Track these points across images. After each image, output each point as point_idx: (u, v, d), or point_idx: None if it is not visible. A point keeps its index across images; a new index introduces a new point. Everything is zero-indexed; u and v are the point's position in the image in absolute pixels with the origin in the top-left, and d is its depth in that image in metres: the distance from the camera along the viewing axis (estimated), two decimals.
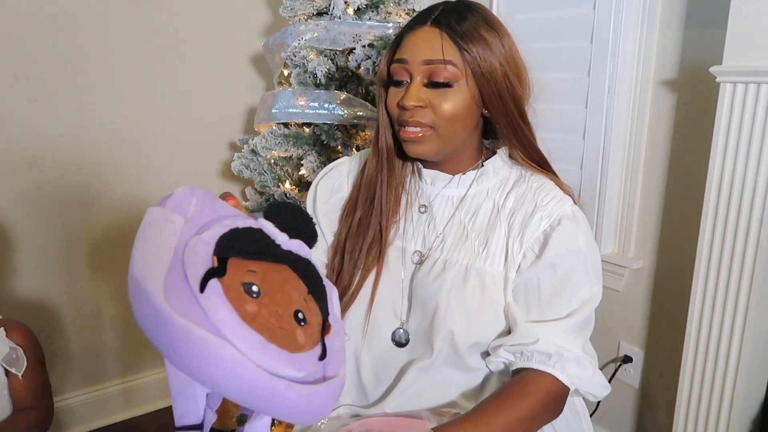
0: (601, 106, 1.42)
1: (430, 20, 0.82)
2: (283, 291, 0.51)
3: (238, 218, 0.53)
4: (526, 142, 0.88)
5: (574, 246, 0.82)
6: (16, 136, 1.65)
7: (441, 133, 0.82)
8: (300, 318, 0.51)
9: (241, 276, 0.48)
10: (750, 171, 1.09)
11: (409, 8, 1.62)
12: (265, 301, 0.48)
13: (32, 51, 1.63)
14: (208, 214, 0.53)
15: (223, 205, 0.56)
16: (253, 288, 0.48)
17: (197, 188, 0.55)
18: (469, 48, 0.80)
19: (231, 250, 0.49)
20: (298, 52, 1.62)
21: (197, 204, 0.53)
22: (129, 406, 1.96)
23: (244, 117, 2.07)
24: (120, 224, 1.85)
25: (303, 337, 0.50)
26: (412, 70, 0.81)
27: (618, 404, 1.61)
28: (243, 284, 0.48)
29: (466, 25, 0.80)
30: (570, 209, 0.84)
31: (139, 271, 0.48)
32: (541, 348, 0.79)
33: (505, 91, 0.83)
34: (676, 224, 1.43)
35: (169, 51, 1.85)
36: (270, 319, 0.48)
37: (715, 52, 1.13)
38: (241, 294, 0.47)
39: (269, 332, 0.47)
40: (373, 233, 0.90)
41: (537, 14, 1.55)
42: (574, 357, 0.80)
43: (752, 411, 1.24)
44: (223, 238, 0.49)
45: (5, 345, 1.12)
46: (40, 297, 1.75)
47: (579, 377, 0.80)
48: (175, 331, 0.44)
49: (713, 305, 1.18)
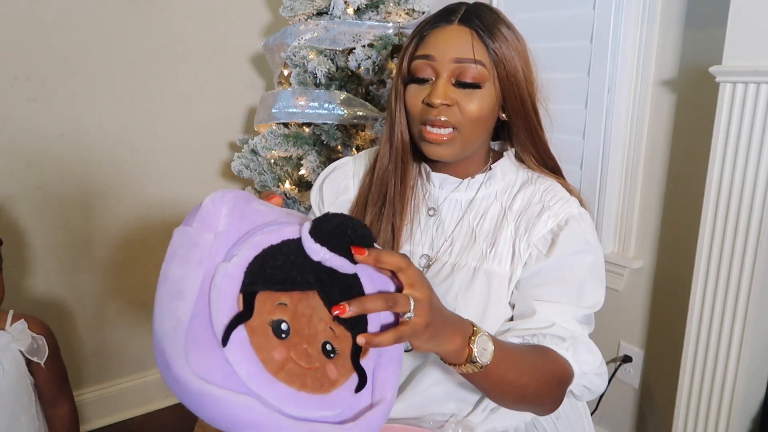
0: (601, 106, 1.42)
1: (457, 19, 0.80)
2: (311, 324, 0.48)
3: (273, 230, 0.50)
4: (541, 148, 0.88)
5: (582, 246, 0.81)
6: (16, 136, 1.65)
7: (465, 134, 0.80)
8: (329, 350, 0.49)
9: (270, 312, 0.47)
10: (750, 171, 1.09)
11: (409, 8, 1.62)
12: (294, 341, 0.47)
13: (32, 51, 1.63)
14: (240, 225, 0.50)
15: (258, 209, 0.53)
16: (282, 327, 0.46)
17: (228, 193, 0.52)
18: (498, 49, 0.79)
19: (260, 280, 0.47)
20: (297, 52, 1.62)
21: (228, 215, 0.51)
22: (130, 407, 1.96)
23: (244, 117, 2.07)
24: (120, 224, 1.85)
25: (335, 372, 0.49)
26: (439, 68, 0.79)
27: (618, 404, 1.61)
28: (272, 323, 0.46)
29: (493, 27, 0.80)
30: (577, 210, 0.83)
31: (160, 327, 0.46)
32: (555, 332, 0.77)
33: (526, 96, 0.83)
34: (676, 224, 1.43)
35: (169, 51, 1.85)
36: (299, 362, 0.46)
37: (715, 52, 1.13)
38: (269, 338, 0.46)
39: (299, 380, 0.46)
40: (384, 235, 0.88)
41: (537, 14, 1.55)
42: (585, 342, 0.79)
43: (752, 411, 1.24)
44: (253, 265, 0.47)
45: (27, 336, 1.16)
46: (39, 296, 1.75)
47: (588, 363, 0.78)
48: (199, 395, 0.43)
49: (713, 305, 1.18)
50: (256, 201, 0.54)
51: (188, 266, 0.47)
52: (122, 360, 1.93)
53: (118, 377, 1.94)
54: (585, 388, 0.81)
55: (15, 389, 1.14)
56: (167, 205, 1.93)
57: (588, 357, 0.79)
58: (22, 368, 1.16)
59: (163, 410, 2.00)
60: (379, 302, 0.54)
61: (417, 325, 0.56)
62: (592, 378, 0.80)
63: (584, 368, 0.79)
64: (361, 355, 0.52)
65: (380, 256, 0.56)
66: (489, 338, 0.66)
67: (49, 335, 1.22)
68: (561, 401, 0.79)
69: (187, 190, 1.96)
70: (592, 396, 0.83)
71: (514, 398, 0.73)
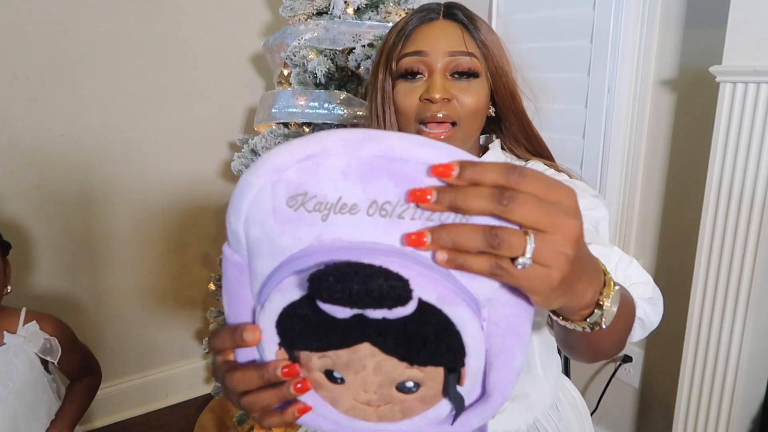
0: (601, 105, 1.42)
1: (441, 15, 0.80)
2: (366, 373, 0.40)
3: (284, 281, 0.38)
4: (534, 140, 0.87)
5: (583, 204, 0.74)
6: (16, 136, 1.65)
7: (464, 129, 0.79)
8: (409, 387, 0.40)
9: (317, 362, 0.40)
10: (750, 170, 1.09)
11: (409, 8, 1.62)
12: (354, 384, 0.41)
13: (32, 51, 1.63)
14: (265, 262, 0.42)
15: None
16: (335, 374, 0.40)
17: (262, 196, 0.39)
18: (485, 41, 0.79)
19: (292, 343, 0.40)
20: (297, 52, 1.62)
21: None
22: (130, 407, 1.96)
23: (244, 117, 2.07)
24: (120, 224, 1.85)
25: (418, 404, 0.41)
26: (432, 63, 0.77)
27: (618, 404, 1.61)
28: (325, 372, 0.41)
29: (475, 21, 0.80)
30: (565, 178, 0.82)
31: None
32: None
33: (515, 88, 0.82)
34: (676, 224, 1.43)
35: (170, 51, 1.85)
36: (368, 404, 0.42)
37: (715, 52, 1.13)
38: (323, 387, 0.41)
39: (375, 414, 0.42)
40: None
41: (537, 14, 1.55)
42: (631, 261, 0.70)
43: (752, 411, 1.24)
44: (280, 325, 0.39)
45: (40, 337, 1.18)
46: (39, 296, 1.75)
47: (641, 285, 0.69)
48: None
49: (713, 305, 1.18)
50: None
51: (239, 298, 0.43)
52: (122, 360, 1.93)
53: (118, 377, 1.94)
54: (639, 320, 0.67)
55: (32, 390, 1.16)
56: (167, 205, 1.93)
57: (640, 277, 0.69)
58: (37, 367, 1.18)
59: (163, 410, 2.00)
60: (477, 235, 0.34)
61: (546, 280, 0.36)
62: (645, 307, 0.67)
63: (639, 291, 0.67)
64: (460, 382, 0.40)
65: (475, 174, 0.35)
66: (619, 292, 0.47)
67: (62, 331, 1.24)
68: (623, 346, 0.65)
69: (187, 189, 1.96)
70: (643, 333, 0.69)
71: (596, 355, 0.62)
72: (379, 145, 0.36)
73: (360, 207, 0.36)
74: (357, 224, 0.37)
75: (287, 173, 0.37)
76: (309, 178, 0.37)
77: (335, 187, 0.36)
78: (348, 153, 0.36)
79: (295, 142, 0.37)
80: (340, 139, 0.36)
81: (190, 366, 2.08)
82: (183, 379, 2.06)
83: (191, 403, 2.04)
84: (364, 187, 0.36)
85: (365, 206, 0.36)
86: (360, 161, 0.36)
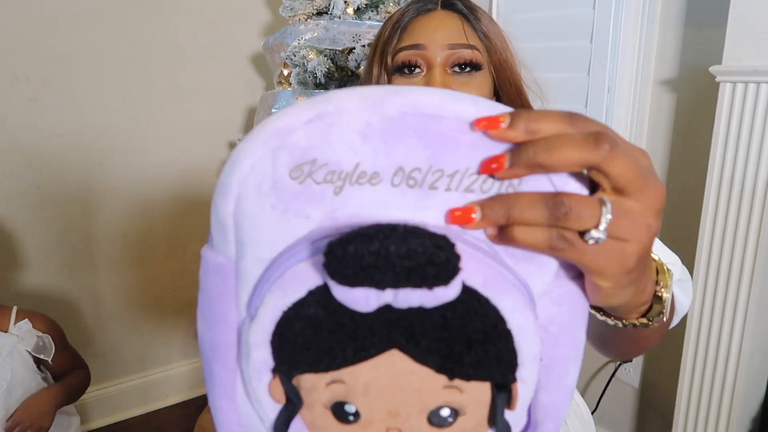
0: (601, 105, 1.42)
1: (440, 5, 0.75)
2: (394, 396, 0.29)
3: (290, 272, 0.29)
4: None
5: None
6: (16, 135, 1.65)
7: None
8: (444, 416, 0.30)
9: (323, 392, 0.30)
10: (750, 171, 1.09)
11: None
12: (371, 420, 0.30)
13: (32, 51, 1.63)
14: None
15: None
16: (346, 409, 0.30)
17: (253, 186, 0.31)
18: (487, 32, 0.74)
19: (290, 364, 0.30)
20: (297, 52, 1.62)
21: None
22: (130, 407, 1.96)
23: (244, 117, 2.07)
24: (120, 224, 1.84)
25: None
26: (431, 56, 0.71)
27: (618, 404, 1.61)
28: (331, 406, 0.30)
29: (476, 11, 0.75)
30: None
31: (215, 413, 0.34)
32: None
33: (520, 82, 0.78)
34: (676, 224, 1.43)
35: (169, 51, 1.85)
36: None
37: (715, 52, 1.13)
38: (331, 428, 0.31)
39: None
40: None
41: (537, 14, 1.55)
42: (680, 270, 0.64)
43: (752, 411, 1.24)
44: (275, 342, 0.29)
45: (32, 335, 1.19)
46: (39, 295, 1.75)
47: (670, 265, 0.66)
48: None
49: (713, 305, 1.18)
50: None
51: (219, 313, 0.34)
52: (122, 360, 1.93)
53: (118, 377, 1.93)
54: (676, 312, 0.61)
55: (27, 387, 1.16)
56: (167, 205, 1.93)
57: (667, 256, 0.62)
58: (31, 365, 1.18)
59: (163, 410, 2.00)
60: (538, 204, 0.27)
61: (621, 259, 0.28)
62: (675, 290, 0.60)
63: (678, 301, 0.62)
64: (511, 405, 0.30)
65: (530, 123, 0.27)
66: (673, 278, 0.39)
67: (53, 329, 1.24)
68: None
69: (187, 189, 1.96)
70: (676, 319, 0.64)
71: (640, 350, 0.56)
72: (406, 99, 0.29)
73: (382, 176, 0.29)
74: (379, 197, 0.29)
75: (293, 137, 0.29)
76: (319, 142, 0.29)
77: (352, 152, 0.29)
78: (368, 109, 0.29)
79: (304, 101, 0.30)
80: (358, 95, 0.29)
81: (190, 366, 2.08)
82: (183, 379, 2.06)
83: (191, 403, 2.04)
84: (388, 151, 0.29)
85: (389, 175, 0.29)
86: (383, 118, 0.29)
